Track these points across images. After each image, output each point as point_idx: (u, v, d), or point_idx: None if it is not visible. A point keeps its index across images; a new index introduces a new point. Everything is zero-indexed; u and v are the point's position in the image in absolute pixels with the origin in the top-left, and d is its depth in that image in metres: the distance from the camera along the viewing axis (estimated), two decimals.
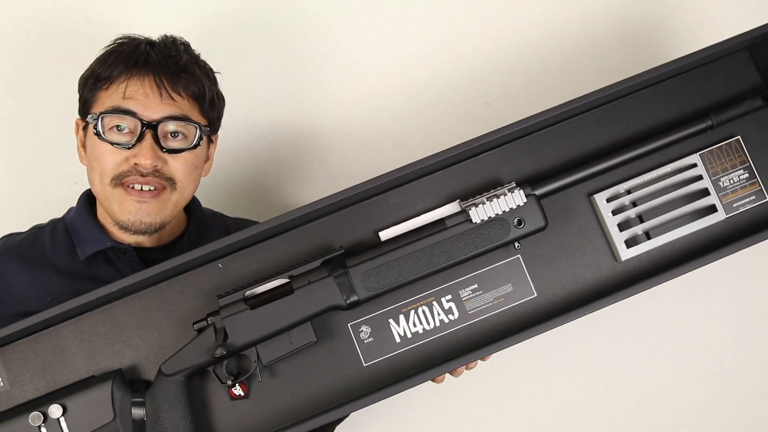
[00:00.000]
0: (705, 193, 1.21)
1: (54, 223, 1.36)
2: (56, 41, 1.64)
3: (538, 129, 1.22)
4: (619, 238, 1.20)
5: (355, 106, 1.67)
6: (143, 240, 1.30)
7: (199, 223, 1.37)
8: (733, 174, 1.22)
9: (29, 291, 1.27)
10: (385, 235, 1.18)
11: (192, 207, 1.39)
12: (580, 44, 1.68)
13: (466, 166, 1.22)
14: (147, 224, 1.24)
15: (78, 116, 1.30)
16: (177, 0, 1.65)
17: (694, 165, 1.21)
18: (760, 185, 1.22)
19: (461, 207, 1.16)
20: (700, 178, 1.21)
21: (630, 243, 1.19)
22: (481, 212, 1.13)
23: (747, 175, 1.22)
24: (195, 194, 1.35)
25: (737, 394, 1.67)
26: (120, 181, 1.22)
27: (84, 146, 1.29)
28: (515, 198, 1.13)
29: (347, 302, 1.13)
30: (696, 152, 1.22)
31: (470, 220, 1.13)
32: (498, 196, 1.14)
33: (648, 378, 1.65)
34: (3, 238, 1.36)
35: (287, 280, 1.14)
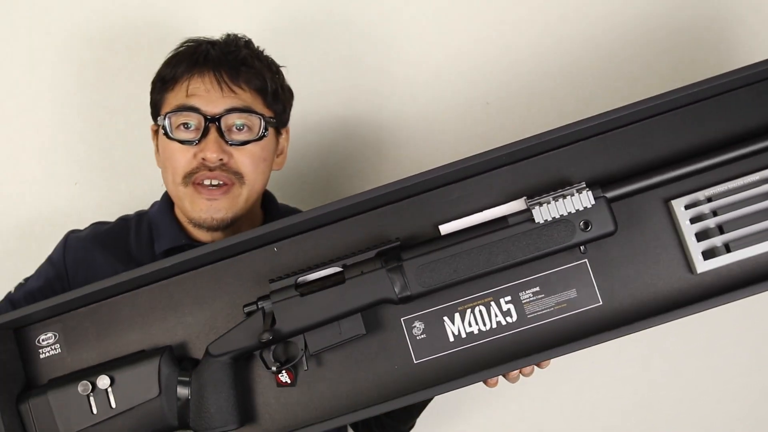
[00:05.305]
0: None
1: (140, 216, 1.40)
2: (55, 41, 1.66)
3: (615, 128, 1.14)
4: (696, 248, 1.11)
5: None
6: (218, 236, 1.31)
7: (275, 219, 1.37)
8: None
9: None
10: (445, 229, 1.14)
11: (268, 203, 1.41)
12: (581, 44, 1.62)
13: (535, 163, 1.16)
14: (219, 220, 1.26)
15: (152, 122, 1.33)
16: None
17: None
18: None
19: (527, 205, 1.11)
20: None
21: (708, 255, 1.10)
22: (545, 212, 1.07)
23: None
24: (270, 191, 1.37)
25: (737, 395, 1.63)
26: (191, 179, 1.25)
27: (159, 150, 1.32)
28: (582, 199, 1.07)
29: (399, 296, 1.09)
30: None
31: (532, 220, 1.08)
32: (565, 196, 1.08)
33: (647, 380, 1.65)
34: (92, 225, 1.40)
35: (340, 269, 1.12)
